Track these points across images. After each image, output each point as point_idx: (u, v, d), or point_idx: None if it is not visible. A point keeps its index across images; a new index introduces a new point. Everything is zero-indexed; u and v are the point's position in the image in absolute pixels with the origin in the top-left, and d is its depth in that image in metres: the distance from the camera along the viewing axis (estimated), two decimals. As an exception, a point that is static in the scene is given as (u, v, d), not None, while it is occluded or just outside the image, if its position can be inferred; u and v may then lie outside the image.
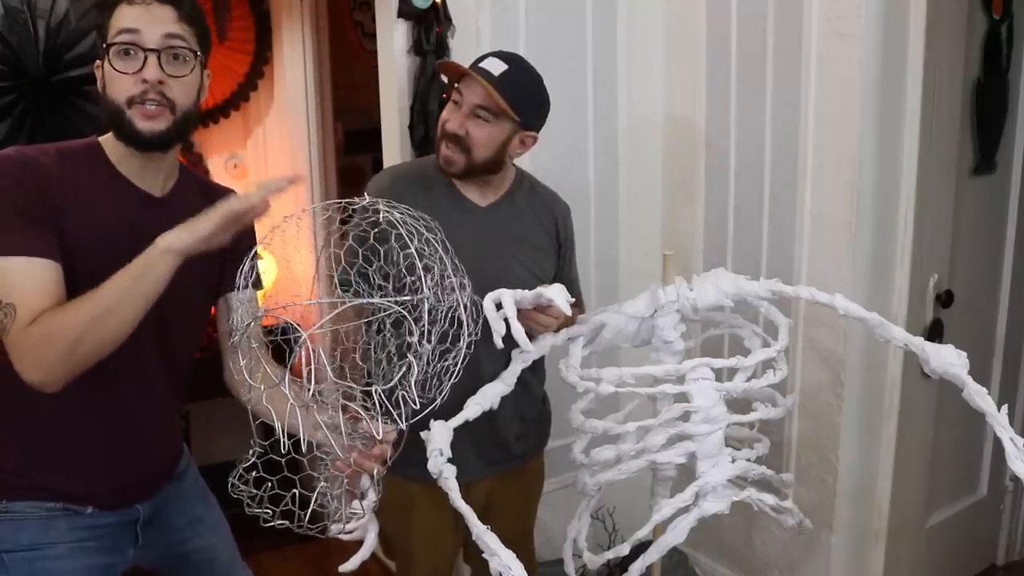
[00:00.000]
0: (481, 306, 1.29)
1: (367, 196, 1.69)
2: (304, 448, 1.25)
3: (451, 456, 1.45)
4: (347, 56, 3.55)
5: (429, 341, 1.17)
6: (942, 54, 2.04)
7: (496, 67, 1.59)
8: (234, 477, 1.25)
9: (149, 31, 1.25)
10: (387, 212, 1.22)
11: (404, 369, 1.17)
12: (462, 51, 2.18)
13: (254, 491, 1.23)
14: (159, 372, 1.43)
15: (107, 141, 1.35)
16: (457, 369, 1.24)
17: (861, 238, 2.02)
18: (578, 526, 1.79)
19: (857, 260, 2.03)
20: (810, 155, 2.09)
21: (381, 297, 1.23)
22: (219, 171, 3.37)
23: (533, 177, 1.86)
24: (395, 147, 2.24)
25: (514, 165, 1.78)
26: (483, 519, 1.33)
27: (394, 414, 1.18)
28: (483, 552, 1.27)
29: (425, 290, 1.18)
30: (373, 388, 1.18)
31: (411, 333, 1.17)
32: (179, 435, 1.59)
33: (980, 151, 2.31)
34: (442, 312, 1.21)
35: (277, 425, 1.18)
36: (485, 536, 1.27)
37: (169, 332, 1.35)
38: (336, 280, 1.39)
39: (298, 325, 1.21)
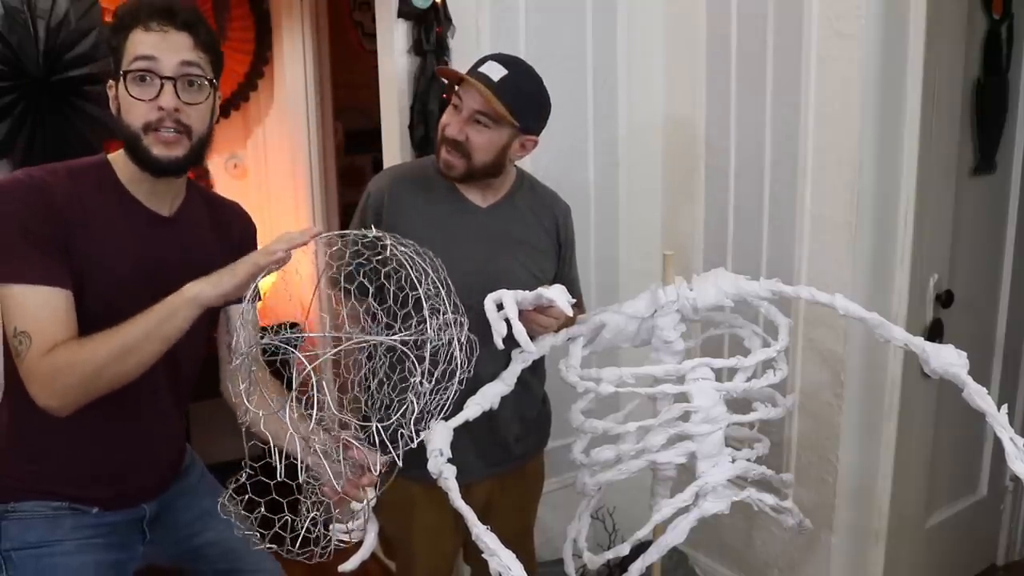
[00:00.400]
0: (476, 344, 1.30)
1: (369, 195, 1.71)
2: (300, 476, 1.27)
3: (451, 456, 1.45)
4: (347, 56, 3.55)
5: (429, 381, 1.19)
6: (942, 54, 2.04)
7: (495, 72, 1.57)
8: (224, 498, 1.27)
9: (166, 58, 1.25)
10: (394, 247, 1.23)
11: (403, 408, 1.19)
12: (462, 51, 2.18)
13: (244, 512, 1.24)
14: (165, 387, 1.44)
15: (116, 160, 1.35)
16: (449, 404, 1.26)
17: (861, 238, 2.02)
18: (578, 526, 1.79)
19: (857, 260, 2.03)
20: (810, 155, 2.09)
21: (384, 330, 1.24)
22: (219, 171, 3.37)
23: (533, 177, 1.85)
24: (395, 147, 2.24)
25: (515, 166, 1.78)
26: (483, 519, 1.33)
27: (389, 448, 1.19)
28: (483, 552, 1.27)
29: (430, 332, 1.20)
30: (372, 424, 1.19)
31: (412, 373, 1.19)
32: (183, 438, 1.60)
33: (980, 151, 2.31)
34: (443, 352, 1.22)
35: (273, 448, 1.19)
36: (485, 536, 1.27)
37: (177, 351, 1.37)
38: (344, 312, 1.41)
39: (296, 352, 1.23)
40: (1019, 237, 2.51)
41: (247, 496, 1.25)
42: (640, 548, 1.67)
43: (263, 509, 1.23)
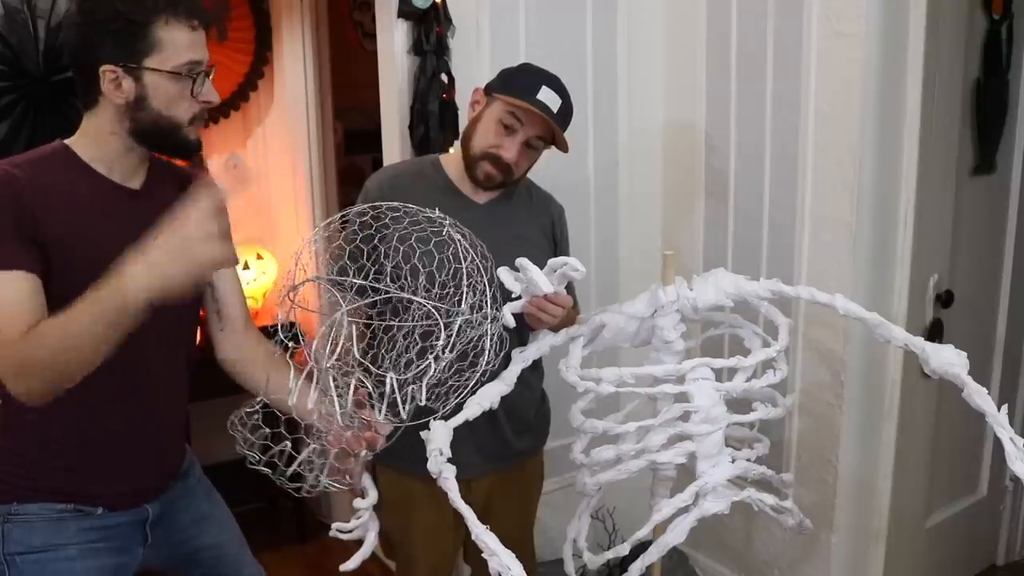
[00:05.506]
0: (506, 340, 1.36)
1: (367, 191, 1.72)
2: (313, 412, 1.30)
3: (450, 456, 1.45)
4: (347, 56, 3.55)
5: (452, 351, 1.21)
6: (942, 54, 2.04)
7: (553, 102, 1.65)
8: (235, 418, 1.30)
9: (205, 58, 1.35)
10: (451, 228, 1.31)
11: (423, 366, 1.22)
12: (462, 51, 2.18)
13: (248, 436, 1.29)
14: (161, 369, 1.44)
15: (76, 143, 1.37)
16: (468, 392, 1.29)
17: (861, 238, 2.02)
18: (578, 526, 1.79)
19: (857, 260, 2.03)
20: (810, 155, 2.09)
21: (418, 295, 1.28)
22: (219, 171, 3.36)
23: (528, 178, 1.86)
24: (395, 147, 2.24)
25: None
26: (483, 518, 1.33)
27: (400, 404, 1.21)
28: (482, 552, 1.27)
29: (464, 306, 1.25)
30: (388, 375, 1.20)
31: (438, 338, 1.22)
32: (184, 435, 1.60)
33: (980, 151, 2.31)
34: (472, 332, 1.26)
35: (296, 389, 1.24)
36: (484, 536, 1.27)
37: (170, 327, 1.36)
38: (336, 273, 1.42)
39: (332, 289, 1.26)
40: (1019, 237, 2.51)
41: (256, 421, 1.30)
42: (640, 548, 1.67)
43: (269, 437, 1.29)
